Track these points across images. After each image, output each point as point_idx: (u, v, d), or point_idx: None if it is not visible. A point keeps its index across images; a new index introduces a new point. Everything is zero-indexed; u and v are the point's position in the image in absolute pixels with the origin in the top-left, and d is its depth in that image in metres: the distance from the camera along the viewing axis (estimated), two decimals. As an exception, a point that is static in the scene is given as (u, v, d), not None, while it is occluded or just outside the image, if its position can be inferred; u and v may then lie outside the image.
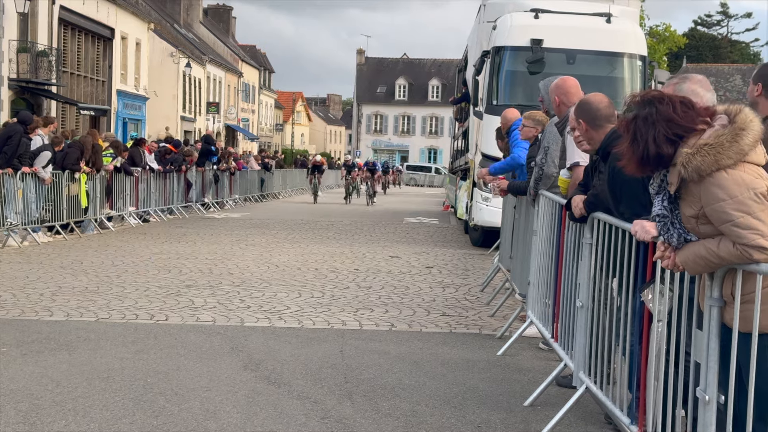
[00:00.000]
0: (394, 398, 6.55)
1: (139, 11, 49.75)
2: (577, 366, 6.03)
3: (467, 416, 6.14)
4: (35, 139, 15.99)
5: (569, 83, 7.41)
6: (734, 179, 3.60)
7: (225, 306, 10.09)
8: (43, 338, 8.09)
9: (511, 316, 9.21)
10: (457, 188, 24.06)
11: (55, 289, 10.76)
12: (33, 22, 34.70)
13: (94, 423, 5.65)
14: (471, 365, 7.72)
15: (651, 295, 4.53)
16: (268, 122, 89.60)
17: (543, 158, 7.56)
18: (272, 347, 8.14)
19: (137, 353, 7.68)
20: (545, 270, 7.47)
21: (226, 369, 7.24)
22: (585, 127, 5.91)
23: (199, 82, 59.71)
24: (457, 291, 12.00)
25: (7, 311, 9.32)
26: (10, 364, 7.08)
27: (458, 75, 27.16)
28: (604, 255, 5.58)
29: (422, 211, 32.63)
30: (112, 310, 9.59)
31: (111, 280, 11.70)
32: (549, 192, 7.41)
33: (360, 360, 7.78)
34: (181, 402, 6.21)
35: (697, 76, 5.30)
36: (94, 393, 6.35)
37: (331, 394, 6.61)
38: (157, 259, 14.16)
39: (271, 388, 6.73)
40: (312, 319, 9.57)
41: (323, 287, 11.81)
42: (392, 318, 9.83)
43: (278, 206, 32.20)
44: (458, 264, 15.17)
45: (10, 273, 12.00)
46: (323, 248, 17.02)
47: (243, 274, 12.74)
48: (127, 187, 20.24)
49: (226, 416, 5.94)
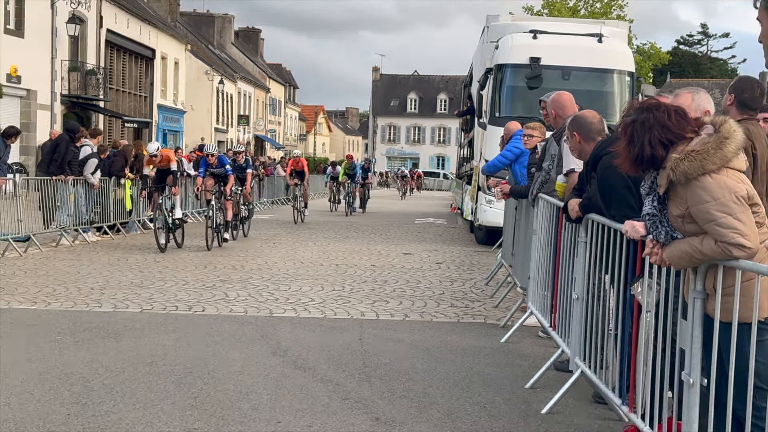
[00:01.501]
0: (408, 381, 6.57)
1: (177, 34, 50.01)
2: (573, 352, 6.05)
3: (474, 397, 6.16)
4: (84, 149, 16.01)
5: (564, 98, 7.46)
6: (718, 183, 3.63)
7: (255, 298, 10.13)
8: (93, 327, 8.16)
9: (513, 307, 9.21)
10: (463, 192, 23.95)
11: (104, 284, 10.84)
12: (83, 44, 34.90)
13: (139, 403, 5.70)
14: (477, 351, 7.74)
15: (640, 288, 4.54)
16: (293, 133, 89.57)
17: (550, 165, 7.53)
18: (298, 335, 8.18)
19: (177, 341, 7.74)
20: (544, 265, 7.49)
21: (256, 355, 7.28)
22: (578, 139, 6.00)
23: (231, 97, 59.93)
24: (464, 284, 12.01)
25: (61, 303, 9.40)
26: (64, 351, 7.16)
27: (464, 90, 27.10)
28: (597, 252, 5.58)
29: (432, 213, 32.56)
30: (155, 302, 9.64)
31: (153, 275, 11.75)
32: (547, 195, 7.42)
33: (377, 347, 7.79)
34: (217, 384, 6.25)
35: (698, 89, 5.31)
36: (139, 376, 6.41)
37: (351, 377, 6.64)
38: (194, 257, 14.20)
39: (297, 372, 6.76)
40: (333, 310, 9.59)
41: (343, 281, 11.84)
42: (406, 309, 9.85)
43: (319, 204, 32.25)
44: (465, 260, 15.17)
45: (63, 269, 12.08)
46: (343, 246, 17.05)
47: (271, 270, 12.78)
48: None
49: (257, 397, 5.97)
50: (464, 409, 5.90)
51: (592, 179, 5.73)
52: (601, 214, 5.45)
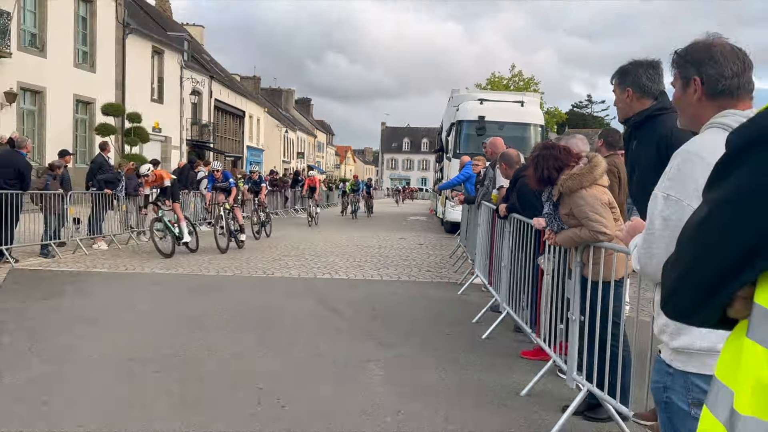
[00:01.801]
0: (400, 318, 6.87)
1: (258, 101, 52.58)
2: (502, 299, 6.34)
3: (440, 328, 6.48)
4: (200, 173, 16.75)
5: (497, 141, 7.82)
6: (589, 194, 3.84)
7: (304, 266, 10.60)
8: (203, 285, 8.56)
9: (466, 272, 9.57)
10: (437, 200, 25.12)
11: (211, 257, 11.35)
12: (199, 107, 37.13)
13: (231, 334, 6.00)
14: (443, 300, 8.07)
15: (543, 260, 4.78)
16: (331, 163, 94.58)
17: (489, 183, 7.88)
18: (331, 290, 8.53)
19: (256, 294, 8.09)
20: (485, 245, 7.76)
21: (304, 303, 7.60)
22: (505, 167, 6.38)
23: (292, 141, 63.70)
24: (436, 258, 12.61)
25: (183, 269, 9.80)
26: (185, 299, 7.57)
27: (438, 136, 28.32)
28: (516, 237, 5.82)
29: (418, 213, 34.20)
30: (241, 269, 10.11)
31: (241, 251, 12.38)
32: (486, 202, 7.73)
33: (381, 298, 8.13)
34: (280, 321, 6.57)
35: (580, 135, 5.61)
36: (231, 316, 6.72)
37: (364, 317, 6.95)
38: (269, 241, 14.90)
39: (330, 313, 7.06)
40: (353, 274, 10.02)
41: (360, 256, 12.42)
42: (399, 273, 10.30)
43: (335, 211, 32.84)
44: (437, 242, 15.94)
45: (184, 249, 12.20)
46: (360, 233, 17.89)
47: (315, 248, 13.45)
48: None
49: (305, 329, 6.29)
50: (434, 336, 6.18)
51: (512, 192, 6.03)
52: (518, 213, 5.73)
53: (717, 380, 1.04)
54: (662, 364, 1.97)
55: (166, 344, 5.57)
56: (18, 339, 5.59)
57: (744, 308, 1.02)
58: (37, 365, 4.88)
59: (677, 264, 1.06)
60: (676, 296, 1.06)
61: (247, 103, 47.97)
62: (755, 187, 0.93)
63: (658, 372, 1.99)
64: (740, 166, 0.95)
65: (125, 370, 4.83)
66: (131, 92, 28.44)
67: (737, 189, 0.96)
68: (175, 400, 4.22)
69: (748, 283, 0.99)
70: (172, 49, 33.25)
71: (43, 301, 7.19)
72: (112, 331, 5.99)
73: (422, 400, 4.40)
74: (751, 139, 0.95)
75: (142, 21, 31.51)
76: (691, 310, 1.05)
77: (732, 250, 0.97)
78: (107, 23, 26.90)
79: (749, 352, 0.97)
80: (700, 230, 1.01)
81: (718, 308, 1.02)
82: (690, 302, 1.04)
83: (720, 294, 1.00)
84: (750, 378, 0.95)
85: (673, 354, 1.92)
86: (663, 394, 1.95)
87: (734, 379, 0.99)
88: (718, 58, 1.87)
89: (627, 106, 3.08)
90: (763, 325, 0.96)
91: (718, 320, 1.05)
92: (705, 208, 1.02)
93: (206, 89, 38.40)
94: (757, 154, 0.94)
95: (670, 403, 1.92)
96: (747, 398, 0.94)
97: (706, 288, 1.01)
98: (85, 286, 8.25)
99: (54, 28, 23.37)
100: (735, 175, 0.96)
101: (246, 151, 47.74)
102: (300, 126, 69.83)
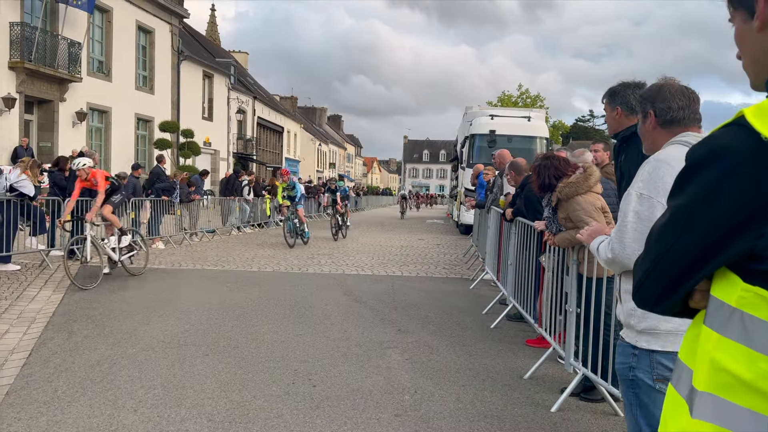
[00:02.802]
0: (418, 309, 6.87)
1: (296, 118, 52.94)
2: (509, 293, 6.32)
3: (453, 318, 6.48)
4: (244, 181, 17.23)
5: (504, 153, 7.76)
6: (584, 199, 3.82)
7: (335, 263, 10.66)
8: (246, 279, 8.61)
9: (477, 268, 9.58)
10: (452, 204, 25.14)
11: (254, 255, 11.47)
12: (244, 124, 37.64)
13: (270, 321, 6.06)
14: (456, 293, 8.05)
15: (544, 258, 4.74)
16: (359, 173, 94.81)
17: (497, 190, 7.91)
18: (358, 284, 8.55)
19: (292, 287, 8.12)
20: (493, 245, 7.74)
21: (334, 294, 7.64)
22: (513, 175, 6.29)
23: (325, 153, 64.13)
24: (451, 256, 12.58)
25: (229, 266, 9.94)
26: (230, 292, 7.62)
27: (454, 148, 28.23)
28: (521, 238, 5.81)
29: (436, 216, 34.33)
30: (279, 265, 10.17)
31: (279, 250, 12.40)
32: (495, 207, 7.74)
33: (401, 291, 8.13)
34: (312, 310, 6.62)
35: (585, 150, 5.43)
36: (271, 306, 6.78)
37: (386, 307, 6.97)
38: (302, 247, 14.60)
39: (356, 304, 7.09)
40: (378, 270, 10.04)
41: (384, 254, 12.45)
42: (418, 269, 10.30)
43: (364, 214, 33.41)
44: (452, 243, 15.90)
45: (231, 248, 12.59)
46: (384, 235, 17.91)
47: (346, 248, 13.47)
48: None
49: (334, 317, 6.32)
50: (448, 325, 6.19)
51: (519, 197, 6.02)
52: (524, 217, 5.70)
53: (680, 361, 1.06)
54: (626, 347, 2.02)
55: (213, 331, 5.65)
56: (87, 326, 5.74)
57: (702, 299, 1.05)
58: (103, 348, 5.00)
59: (644, 261, 1.10)
60: (643, 289, 1.09)
61: (286, 120, 48.51)
62: (705, 195, 0.96)
63: (623, 354, 2.03)
64: (694, 178, 0.98)
65: (178, 353, 4.92)
66: (185, 111, 28.98)
67: (692, 197, 0.98)
68: (222, 380, 4.30)
69: (705, 277, 1.01)
70: (221, 73, 33.73)
71: (109, 293, 7.35)
72: (167, 318, 6.10)
73: (436, 381, 4.42)
74: (704, 155, 0.98)
75: (194, 49, 32.10)
76: (656, 301, 1.08)
77: (689, 250, 1.00)
78: (164, 51, 27.42)
79: (705, 336, 1.00)
80: (662, 232, 1.05)
81: (679, 300, 1.05)
82: (654, 294, 1.07)
83: (681, 287, 1.03)
84: (705, 359, 0.98)
85: (638, 335, 1.95)
86: (629, 372, 1.99)
87: (693, 360, 1.01)
88: (667, 95, 2.08)
89: (616, 122, 3.10)
90: (717, 314, 0.99)
91: (680, 310, 1.07)
92: (667, 213, 1.05)
93: (250, 108, 38.89)
94: (708, 168, 0.96)
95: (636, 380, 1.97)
96: (703, 376, 0.98)
97: (668, 282, 1.04)
98: (145, 280, 8.40)
99: (118, 55, 23.93)
100: (691, 186, 0.99)
101: (284, 162, 48.33)
102: (332, 140, 70.13)
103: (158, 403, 3.81)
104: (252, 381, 4.29)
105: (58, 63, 19.56)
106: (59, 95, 20.35)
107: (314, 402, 3.92)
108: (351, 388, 4.19)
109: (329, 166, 66.54)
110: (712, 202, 0.96)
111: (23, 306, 6.41)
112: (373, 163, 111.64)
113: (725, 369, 0.95)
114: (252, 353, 4.97)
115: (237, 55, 44.52)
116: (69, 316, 6.02)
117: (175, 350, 4.98)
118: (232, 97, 35.63)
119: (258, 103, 40.65)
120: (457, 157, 22.92)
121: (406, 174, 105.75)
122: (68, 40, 19.96)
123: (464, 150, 18.22)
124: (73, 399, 3.82)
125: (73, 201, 8.10)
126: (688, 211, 0.99)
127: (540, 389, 4.32)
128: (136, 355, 4.80)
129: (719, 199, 0.95)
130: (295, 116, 54.73)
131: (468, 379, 4.48)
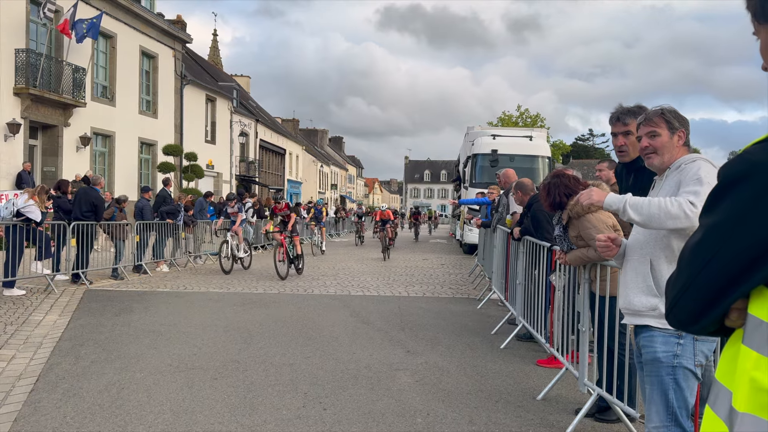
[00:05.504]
0: (425, 330, 6.81)
1: (297, 140, 53.03)
2: (518, 313, 6.28)
3: (462, 339, 6.42)
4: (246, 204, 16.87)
5: (509, 172, 7.78)
6: (595, 217, 3.80)
7: (341, 284, 10.60)
8: (250, 301, 8.56)
9: (484, 288, 9.52)
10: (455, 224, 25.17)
11: (258, 277, 11.42)
12: (246, 146, 37.68)
13: (277, 343, 6.01)
14: (463, 313, 7.99)
15: (555, 277, 4.71)
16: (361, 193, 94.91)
17: (502, 209, 7.87)
18: (364, 305, 8.49)
19: (298, 308, 8.08)
20: (500, 264, 7.71)
21: (340, 316, 7.59)
22: (520, 194, 6.29)
23: (326, 174, 64.15)
24: (456, 276, 12.52)
25: (234, 288, 9.88)
26: (237, 314, 7.57)
27: (455, 168, 28.23)
28: (530, 257, 5.79)
29: (439, 236, 34.18)
30: (284, 287, 10.12)
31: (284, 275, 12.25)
32: (502, 226, 7.71)
33: (408, 311, 8.07)
34: (320, 332, 6.57)
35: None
36: (277, 328, 6.73)
37: (393, 328, 6.92)
38: (309, 261, 14.71)
39: (363, 325, 7.03)
40: (384, 290, 9.98)
41: (389, 274, 12.40)
42: (424, 290, 10.24)
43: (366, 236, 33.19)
44: (456, 263, 15.83)
45: (234, 270, 12.55)
46: (390, 255, 17.76)
47: (351, 269, 13.41)
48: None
49: (341, 339, 6.27)
50: (456, 345, 6.14)
51: (526, 216, 6.00)
52: (531, 236, 5.69)
53: (717, 382, 1.04)
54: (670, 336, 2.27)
55: (221, 353, 5.61)
56: (94, 350, 5.70)
57: (739, 318, 1.03)
58: (111, 373, 4.96)
59: (679, 279, 1.08)
60: (678, 307, 1.08)
61: (288, 142, 48.80)
62: (741, 211, 0.95)
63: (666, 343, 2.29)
64: (728, 196, 0.98)
65: (187, 377, 4.88)
66: (188, 134, 29.21)
67: (728, 214, 0.98)
68: (231, 404, 4.26)
69: (743, 295, 1.00)
70: (223, 97, 34.07)
71: (114, 317, 7.32)
72: (174, 342, 6.06)
73: (448, 403, 4.37)
74: (739, 172, 0.98)
75: (196, 73, 32.46)
76: (692, 319, 1.06)
77: (726, 267, 0.99)
78: (167, 76, 27.71)
79: (744, 356, 0.98)
80: (698, 249, 1.04)
81: (716, 318, 1.03)
82: (690, 313, 1.06)
83: (718, 306, 1.01)
84: (745, 379, 0.96)
85: None
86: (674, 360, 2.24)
87: (732, 380, 0.99)
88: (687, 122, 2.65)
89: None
90: (756, 332, 0.98)
91: (716, 329, 1.07)
92: (700, 232, 1.04)
93: (252, 131, 39.17)
94: (744, 184, 0.96)
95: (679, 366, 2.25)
96: (743, 397, 0.95)
97: (704, 300, 1.02)
98: (151, 303, 8.37)
99: (122, 80, 24.18)
100: (726, 202, 0.99)
101: (287, 183, 48.55)
102: (333, 161, 70.45)
103: (168, 428, 3.76)
104: (262, 405, 4.24)
105: (62, 88, 19.74)
106: (63, 120, 20.50)
107: (326, 426, 3.87)
108: (362, 411, 4.14)
109: (331, 188, 66.92)
110: (749, 219, 0.96)
111: (29, 331, 6.39)
112: (375, 183, 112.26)
113: (766, 389, 0.93)
114: (261, 376, 4.92)
115: (239, 79, 44.97)
116: (76, 341, 5.99)
117: (183, 374, 4.94)
118: (235, 120, 35.99)
119: (260, 126, 40.98)
120: (459, 176, 22.98)
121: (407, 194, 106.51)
122: (73, 65, 20.17)
123: (466, 170, 18.24)
124: (83, 425, 3.78)
125: None
126: (725, 228, 0.99)
127: (554, 410, 4.26)
128: (144, 380, 4.76)
129: (756, 215, 0.94)
130: (297, 138, 55.09)
131: (480, 401, 4.43)
